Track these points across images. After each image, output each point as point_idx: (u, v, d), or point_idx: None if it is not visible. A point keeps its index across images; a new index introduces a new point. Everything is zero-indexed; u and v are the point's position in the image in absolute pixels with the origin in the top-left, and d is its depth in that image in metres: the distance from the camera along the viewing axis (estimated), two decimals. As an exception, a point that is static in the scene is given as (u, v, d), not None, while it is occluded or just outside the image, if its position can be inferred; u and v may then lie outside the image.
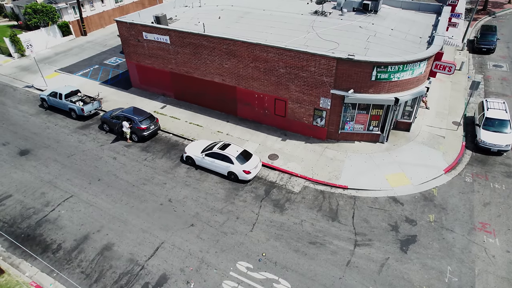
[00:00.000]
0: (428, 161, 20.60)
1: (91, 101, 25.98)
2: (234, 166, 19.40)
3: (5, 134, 24.25)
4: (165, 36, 24.60)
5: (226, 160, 19.64)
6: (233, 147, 20.27)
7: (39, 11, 38.87)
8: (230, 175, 19.83)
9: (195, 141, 21.93)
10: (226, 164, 19.60)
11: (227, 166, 19.59)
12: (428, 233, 16.45)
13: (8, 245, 16.51)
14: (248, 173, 19.29)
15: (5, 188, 19.67)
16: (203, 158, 20.27)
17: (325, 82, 20.34)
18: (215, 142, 21.33)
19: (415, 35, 23.44)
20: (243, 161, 19.53)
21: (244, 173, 19.27)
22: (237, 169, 19.34)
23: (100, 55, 37.04)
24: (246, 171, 19.25)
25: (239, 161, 19.46)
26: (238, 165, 19.33)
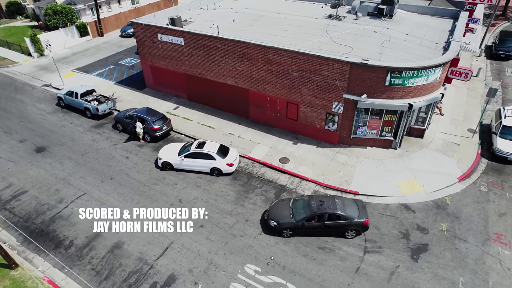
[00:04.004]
0: (442, 168, 20.25)
1: (106, 101, 26.44)
2: (216, 161, 19.90)
3: (23, 131, 24.86)
4: (180, 38, 24.87)
5: (207, 157, 19.99)
6: (210, 144, 20.71)
7: (58, 12, 39.79)
8: (213, 171, 20.28)
9: (165, 147, 21.65)
10: (208, 161, 19.99)
11: (210, 163, 20.00)
12: (440, 242, 16.15)
13: (23, 240, 16.90)
14: (231, 165, 20.03)
15: (21, 184, 20.15)
16: (182, 160, 20.32)
17: (338, 86, 20.24)
18: (189, 142, 21.65)
19: (431, 41, 23.12)
20: (223, 156, 20.13)
21: (228, 166, 19.96)
22: (220, 163, 19.93)
23: (115, 55, 37.68)
24: (229, 164, 19.95)
25: (220, 156, 19.98)
26: (220, 160, 19.88)
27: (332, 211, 15.89)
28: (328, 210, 15.95)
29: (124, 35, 43.06)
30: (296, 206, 16.81)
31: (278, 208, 17.13)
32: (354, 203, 16.74)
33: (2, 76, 33.60)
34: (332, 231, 16.34)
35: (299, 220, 16.09)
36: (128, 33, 42.31)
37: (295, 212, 16.47)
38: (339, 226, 15.98)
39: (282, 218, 16.42)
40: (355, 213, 16.07)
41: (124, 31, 43.18)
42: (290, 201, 17.34)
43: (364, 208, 16.68)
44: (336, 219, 15.87)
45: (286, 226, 16.25)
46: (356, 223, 15.84)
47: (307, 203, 16.61)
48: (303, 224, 16.05)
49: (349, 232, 16.19)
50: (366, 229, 16.29)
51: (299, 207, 16.67)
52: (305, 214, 16.14)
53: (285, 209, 16.87)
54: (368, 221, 16.00)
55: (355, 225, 15.89)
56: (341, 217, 15.84)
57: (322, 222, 15.95)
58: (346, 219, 15.83)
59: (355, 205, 16.62)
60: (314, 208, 16.12)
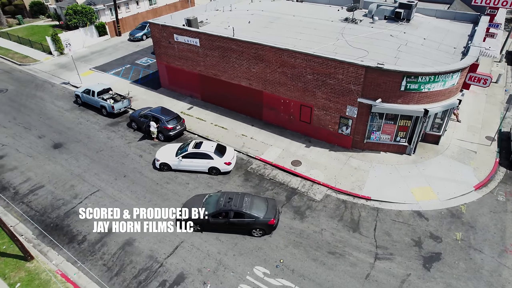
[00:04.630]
0: (457, 176, 19.82)
1: (121, 99, 26.89)
2: (214, 161, 20.11)
3: (42, 128, 25.51)
4: (195, 39, 25.12)
5: (205, 157, 20.17)
6: (207, 144, 20.93)
7: (79, 12, 40.75)
8: (212, 171, 20.51)
9: (162, 148, 21.75)
10: (206, 161, 20.19)
11: (208, 162, 20.20)
12: (454, 251, 15.80)
13: (38, 233, 17.31)
14: (229, 164, 20.25)
15: (39, 179, 20.67)
16: (180, 161, 20.44)
17: (353, 90, 20.07)
18: (186, 143, 21.79)
19: (449, 45, 22.71)
20: (221, 155, 20.33)
21: (226, 165, 20.19)
22: (218, 162, 20.15)
23: (132, 55, 38.30)
24: (227, 163, 20.17)
25: (218, 155, 20.17)
26: (218, 159, 20.08)
27: (237, 209, 16.12)
28: (233, 207, 16.20)
29: (133, 39, 42.45)
30: (207, 202, 17.16)
31: (192, 202, 17.50)
32: (264, 202, 16.96)
33: (24, 73, 34.58)
34: (237, 229, 16.58)
35: (206, 215, 16.35)
36: (137, 37, 42.14)
37: (205, 207, 16.73)
38: (243, 224, 16.26)
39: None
40: (261, 212, 16.27)
41: (133, 34, 42.65)
42: (206, 196, 17.71)
43: (274, 208, 16.79)
44: (240, 217, 16.11)
45: (193, 221, 16.64)
46: (261, 222, 16.05)
47: (218, 199, 16.90)
48: (209, 220, 16.37)
49: (255, 230, 16.37)
50: (271, 228, 16.50)
51: (209, 203, 16.99)
52: (212, 210, 16.45)
53: (197, 203, 17.21)
54: (273, 220, 16.17)
55: (259, 224, 16.12)
56: (246, 215, 16.07)
57: (227, 219, 16.24)
58: (250, 218, 16.07)
59: (264, 204, 16.80)
60: (221, 205, 16.41)
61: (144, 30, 42.56)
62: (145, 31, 42.38)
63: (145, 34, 42.49)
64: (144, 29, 42.60)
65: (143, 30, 42.59)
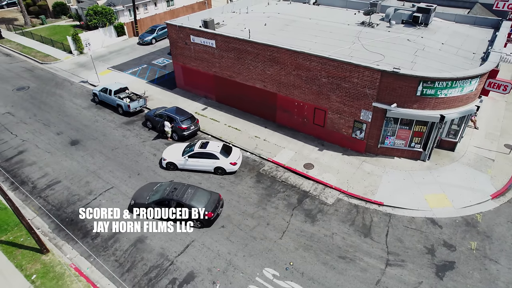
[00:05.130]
0: (473, 184, 19.40)
1: (137, 99, 27.35)
2: (220, 161, 20.25)
3: (60, 125, 26.18)
4: (212, 40, 25.37)
5: (211, 157, 20.33)
6: (213, 144, 21.05)
7: (99, 12, 41.72)
8: (217, 171, 20.67)
9: (169, 147, 22.02)
10: (212, 160, 20.34)
11: (213, 162, 20.35)
12: (469, 261, 15.47)
13: (54, 227, 17.77)
14: (235, 164, 20.41)
15: (56, 174, 21.22)
16: (186, 160, 20.63)
17: (368, 94, 19.91)
18: (192, 142, 21.93)
19: (468, 51, 22.29)
20: (227, 155, 20.47)
21: (231, 165, 20.34)
22: (224, 163, 20.30)
23: (149, 55, 38.92)
24: (233, 163, 20.33)
25: (224, 155, 20.30)
26: (223, 159, 20.21)
27: (178, 199, 16.88)
28: (174, 197, 16.97)
29: (142, 43, 41.93)
30: (156, 189, 17.97)
31: (143, 189, 18.55)
32: (206, 196, 17.48)
33: (45, 71, 35.58)
34: (178, 218, 17.08)
35: (150, 202, 17.22)
36: (146, 41, 41.53)
37: (152, 194, 17.65)
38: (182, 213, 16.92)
39: (138, 198, 17.86)
40: (200, 204, 16.85)
41: (142, 38, 42.15)
42: (157, 184, 18.51)
43: (214, 202, 17.34)
44: (181, 207, 16.78)
45: (138, 205, 17.59)
46: (199, 215, 16.68)
47: (164, 188, 17.70)
48: (152, 207, 17.19)
49: (194, 221, 16.94)
50: (209, 222, 16.96)
51: (158, 191, 17.81)
52: (157, 197, 17.28)
53: (148, 190, 18.14)
54: (211, 214, 16.75)
55: (197, 217, 16.72)
56: (185, 205, 16.73)
57: (169, 208, 16.94)
58: (189, 209, 16.67)
59: (206, 197, 17.37)
60: (165, 194, 17.23)
61: (153, 34, 42.18)
62: (155, 34, 42.09)
63: (154, 38, 42.03)
64: (154, 32, 42.33)
65: (153, 34, 42.19)
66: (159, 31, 42.55)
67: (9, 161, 22.45)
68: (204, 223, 17.10)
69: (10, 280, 15.09)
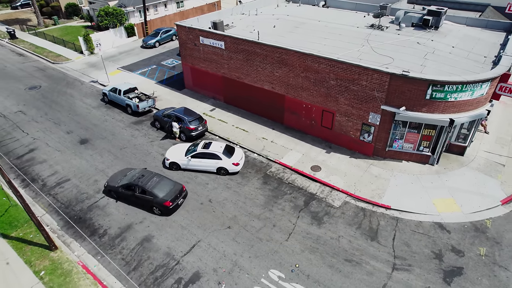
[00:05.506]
0: (483, 189, 19.15)
1: (146, 99, 27.60)
2: (222, 161, 20.35)
3: (70, 123, 26.55)
4: (221, 42, 25.50)
5: (213, 157, 20.45)
6: (216, 144, 21.12)
7: (110, 13, 42.26)
8: (220, 171, 20.79)
9: (172, 147, 22.15)
10: (215, 161, 20.45)
11: (216, 162, 20.45)
12: (477, 267, 15.26)
13: (63, 225, 18.00)
14: (237, 164, 20.50)
15: (65, 172, 21.51)
16: (189, 160, 20.74)
17: (376, 97, 19.81)
18: (195, 143, 22.06)
19: (479, 54, 22.05)
20: (230, 155, 20.57)
21: (234, 166, 20.41)
22: (226, 163, 20.41)
23: (158, 56, 39.26)
24: (235, 163, 20.42)
25: (226, 155, 20.41)
26: (226, 159, 20.30)
27: (142, 185, 17.95)
28: (139, 183, 18.03)
29: (145, 46, 41.47)
30: (127, 175, 19.15)
31: (118, 173, 19.86)
32: (170, 186, 18.30)
33: (57, 71, 36.12)
34: (141, 203, 18.38)
35: (119, 186, 18.53)
36: (149, 44, 41.10)
37: (122, 179, 18.98)
38: (144, 200, 17.97)
39: (111, 181, 19.19)
40: (161, 193, 17.74)
41: (146, 41, 41.61)
42: (130, 170, 19.77)
43: (176, 193, 18.03)
44: (143, 193, 17.85)
45: (110, 188, 18.98)
46: (158, 202, 17.56)
47: (133, 174, 18.89)
48: (121, 190, 18.45)
49: (155, 208, 17.95)
50: (167, 210, 17.66)
51: (128, 176, 19.02)
52: (125, 182, 18.51)
53: (121, 175, 19.51)
54: (168, 203, 17.51)
55: (157, 203, 17.64)
56: (147, 192, 17.74)
57: (134, 193, 18.12)
58: (151, 196, 17.68)
59: (168, 187, 18.16)
60: (132, 180, 18.37)
61: (157, 37, 41.68)
62: (158, 38, 41.65)
63: (158, 41, 41.59)
64: (157, 36, 41.85)
65: (156, 37, 41.69)
66: (163, 34, 42.27)
67: (20, 159, 22.84)
68: (163, 211, 17.90)
69: (20, 275, 15.34)
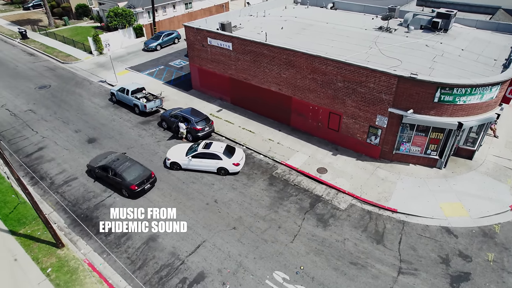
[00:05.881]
0: (492, 194, 18.90)
1: (154, 99, 27.78)
2: (222, 161, 20.41)
3: (79, 123, 26.83)
4: (228, 43, 25.59)
5: (214, 157, 20.53)
6: (216, 144, 21.23)
7: (119, 14, 42.67)
8: (220, 171, 20.86)
9: (173, 147, 22.34)
10: (215, 161, 20.52)
11: (216, 162, 20.52)
12: (485, 273, 15.05)
13: (70, 222, 18.18)
14: (237, 165, 20.60)
15: (73, 171, 21.74)
16: (190, 160, 20.81)
17: (384, 99, 19.70)
18: (196, 143, 22.20)
19: (489, 57, 21.81)
20: (230, 155, 20.63)
21: (234, 166, 20.50)
22: (226, 163, 20.48)
23: (166, 56, 39.51)
24: (236, 164, 20.49)
25: (227, 155, 20.47)
26: (226, 159, 20.36)
27: (114, 168, 19.45)
28: (112, 165, 19.57)
29: (147, 49, 41.07)
30: (108, 157, 20.66)
31: (100, 155, 21.62)
32: (139, 171, 19.55)
33: (66, 71, 36.56)
34: (113, 184, 19.96)
35: (96, 167, 20.22)
36: (150, 47, 40.64)
37: (100, 160, 20.53)
38: (115, 181, 19.53)
39: (92, 162, 21.05)
40: (130, 177, 19.10)
41: (147, 44, 41.21)
42: (111, 153, 21.29)
43: (143, 178, 19.28)
44: (115, 175, 19.39)
45: (90, 168, 20.82)
46: (125, 185, 18.99)
47: (110, 158, 20.45)
48: (98, 171, 20.19)
49: (124, 190, 19.41)
50: (133, 193, 19.01)
51: (107, 158, 20.54)
52: (101, 164, 20.15)
53: (101, 157, 21.16)
54: (134, 186, 18.84)
55: (124, 186, 19.09)
56: (117, 175, 19.25)
57: (107, 174, 19.67)
58: (120, 178, 19.14)
59: (138, 172, 19.46)
60: (107, 162, 19.96)
61: (158, 40, 41.25)
62: (160, 41, 41.20)
63: (159, 44, 41.13)
64: (159, 39, 41.43)
65: (158, 40, 41.28)
66: (165, 38, 41.80)
67: (29, 157, 23.13)
68: (129, 194, 19.27)
69: (27, 272, 15.52)
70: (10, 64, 38.44)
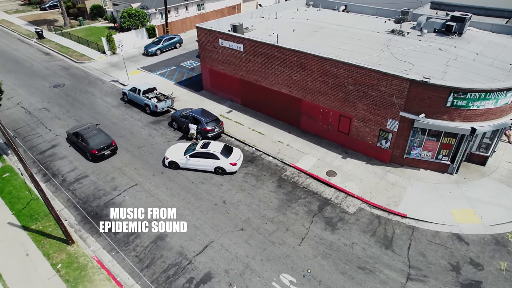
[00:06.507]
0: (505, 201, 18.52)
1: (165, 99, 28.04)
2: (220, 161, 20.53)
3: (91, 121, 27.16)
4: (240, 44, 25.68)
5: (211, 157, 20.64)
6: (214, 144, 21.34)
7: (132, 15, 43.23)
8: (217, 170, 21.00)
9: (172, 146, 22.60)
10: (212, 160, 20.64)
11: (214, 162, 20.65)
12: (497, 282, 14.74)
13: (80, 219, 18.45)
14: (235, 164, 20.76)
15: (84, 169, 22.06)
16: (187, 160, 20.93)
17: (395, 103, 19.50)
18: (195, 142, 22.30)
19: (505, 62, 21.39)
20: (227, 155, 20.71)
21: (231, 165, 20.69)
22: (224, 163, 20.65)
23: (177, 57, 39.83)
24: (233, 163, 20.67)
25: (224, 155, 20.57)
26: (224, 159, 20.48)
27: (81, 134, 22.88)
28: (81, 132, 23.04)
29: (146, 54, 40.38)
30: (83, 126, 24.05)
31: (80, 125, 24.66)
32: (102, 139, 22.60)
33: (80, 70, 37.17)
34: (80, 149, 23.43)
35: (71, 133, 23.92)
36: (150, 52, 39.99)
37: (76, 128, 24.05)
38: (81, 146, 22.91)
39: (70, 130, 24.37)
40: (93, 143, 22.21)
41: (147, 49, 40.56)
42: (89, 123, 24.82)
43: (103, 145, 22.29)
44: (82, 140, 22.70)
45: (67, 134, 24.64)
46: (88, 149, 22.18)
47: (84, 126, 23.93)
48: (71, 137, 23.93)
49: (87, 154, 22.67)
50: (93, 156, 22.13)
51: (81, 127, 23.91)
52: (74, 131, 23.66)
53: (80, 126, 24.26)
54: (94, 151, 21.92)
55: (88, 150, 22.29)
56: (84, 141, 22.54)
57: (77, 139, 23.23)
58: (85, 143, 22.38)
59: (100, 140, 22.53)
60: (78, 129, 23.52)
61: (159, 45, 40.53)
62: (160, 45, 40.49)
63: (159, 48, 40.41)
64: (160, 43, 40.71)
65: (158, 45, 40.57)
66: (165, 42, 41.20)
67: (42, 154, 23.57)
68: (91, 157, 22.28)
69: (38, 267, 15.79)
70: (26, 63, 39.26)
